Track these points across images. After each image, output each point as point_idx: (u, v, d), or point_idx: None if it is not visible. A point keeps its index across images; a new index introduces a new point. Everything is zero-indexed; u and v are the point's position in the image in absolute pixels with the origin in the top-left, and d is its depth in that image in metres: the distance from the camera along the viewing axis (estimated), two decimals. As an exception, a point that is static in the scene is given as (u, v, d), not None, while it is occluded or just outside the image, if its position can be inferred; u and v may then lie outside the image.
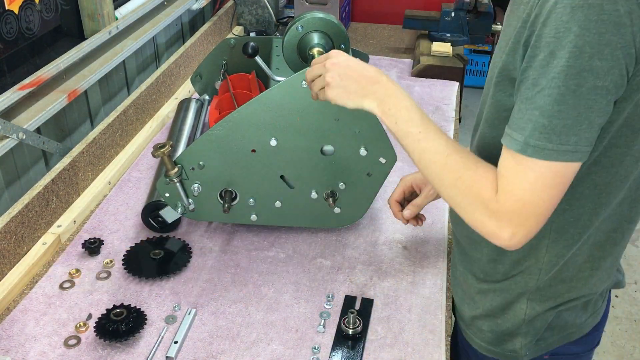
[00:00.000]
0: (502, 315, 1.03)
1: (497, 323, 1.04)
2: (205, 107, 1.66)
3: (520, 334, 1.03)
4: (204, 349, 1.05)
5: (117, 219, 1.35)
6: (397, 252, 1.27)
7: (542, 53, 0.76)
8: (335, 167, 1.19)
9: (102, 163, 1.48)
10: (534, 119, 0.77)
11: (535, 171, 0.79)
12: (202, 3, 2.10)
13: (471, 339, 1.10)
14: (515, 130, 0.80)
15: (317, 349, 1.05)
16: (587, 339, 1.07)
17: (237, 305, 1.14)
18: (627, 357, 2.35)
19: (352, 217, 1.28)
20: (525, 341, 1.03)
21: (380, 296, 1.16)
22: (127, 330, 1.05)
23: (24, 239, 1.22)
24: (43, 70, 1.34)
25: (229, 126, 1.14)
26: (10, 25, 1.29)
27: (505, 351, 1.06)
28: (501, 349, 1.06)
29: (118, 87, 1.72)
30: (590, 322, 1.05)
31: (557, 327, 1.03)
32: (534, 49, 0.77)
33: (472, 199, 0.85)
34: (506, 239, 0.83)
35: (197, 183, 1.20)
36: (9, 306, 1.13)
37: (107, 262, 1.22)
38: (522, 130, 0.79)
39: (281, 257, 1.26)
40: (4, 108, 1.22)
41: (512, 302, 1.02)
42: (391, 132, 0.95)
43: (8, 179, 1.31)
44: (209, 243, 1.29)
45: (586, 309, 1.03)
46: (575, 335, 1.05)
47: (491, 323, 1.05)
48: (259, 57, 1.27)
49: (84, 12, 1.55)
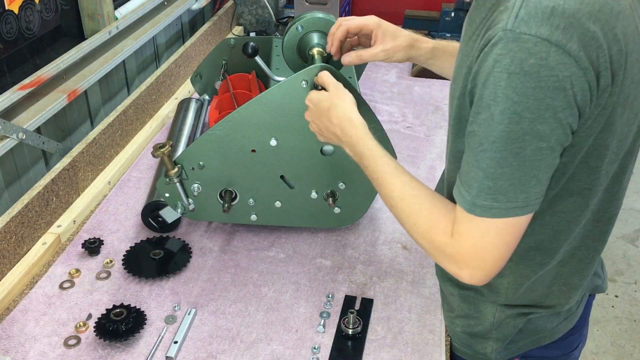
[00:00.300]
0: (473, 317, 1.03)
1: (470, 324, 1.04)
2: (205, 107, 1.66)
3: (491, 338, 1.03)
4: (204, 349, 1.05)
5: (117, 219, 1.35)
6: (397, 252, 1.27)
7: (483, 113, 0.75)
8: (335, 167, 1.19)
9: (102, 163, 1.48)
10: (479, 179, 0.77)
11: (486, 224, 0.79)
12: (202, 3, 2.10)
13: (450, 340, 1.10)
14: (464, 186, 0.80)
15: (317, 349, 1.05)
16: (561, 343, 1.06)
17: (237, 305, 1.14)
18: (627, 357, 2.35)
19: (352, 217, 1.28)
20: (495, 345, 1.03)
21: (380, 296, 1.16)
22: (127, 330, 1.05)
23: (24, 239, 1.22)
24: (43, 70, 1.34)
25: (229, 126, 1.14)
26: (10, 25, 1.29)
27: (477, 353, 1.06)
28: (473, 350, 1.06)
29: (118, 87, 1.72)
30: (562, 327, 1.04)
31: (527, 330, 1.03)
32: (476, 106, 0.76)
33: (428, 244, 0.87)
34: (466, 279, 0.84)
35: (197, 183, 1.20)
36: (9, 306, 1.13)
37: (107, 262, 1.22)
38: (469, 187, 0.79)
39: (281, 257, 1.26)
40: (4, 108, 1.22)
41: (481, 308, 1.02)
42: None
43: (8, 179, 1.31)
44: (209, 243, 1.29)
45: (558, 315, 1.02)
46: (547, 339, 1.04)
47: (464, 323, 1.05)
48: (258, 57, 1.27)
49: (84, 12, 1.55)
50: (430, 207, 0.89)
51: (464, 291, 1.03)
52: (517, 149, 0.74)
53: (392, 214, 0.95)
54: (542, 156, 0.75)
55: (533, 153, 0.74)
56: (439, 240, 0.85)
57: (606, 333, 2.44)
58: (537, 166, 0.75)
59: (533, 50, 0.70)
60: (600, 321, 2.49)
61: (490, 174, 0.76)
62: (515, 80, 0.71)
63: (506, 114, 0.72)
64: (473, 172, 0.78)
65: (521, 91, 0.71)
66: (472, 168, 0.78)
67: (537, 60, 0.70)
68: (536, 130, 0.73)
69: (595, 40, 0.71)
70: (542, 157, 0.75)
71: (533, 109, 0.71)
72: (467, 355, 1.07)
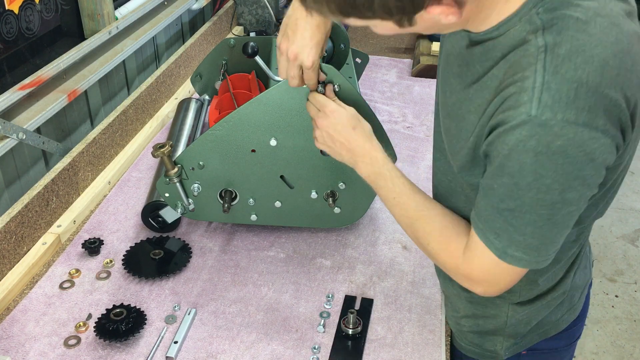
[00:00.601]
0: (482, 317, 1.04)
1: (478, 324, 1.05)
2: (205, 107, 1.66)
3: (501, 335, 1.04)
4: (204, 349, 1.05)
5: (117, 219, 1.35)
6: (397, 252, 1.27)
7: (506, 178, 0.74)
8: (335, 167, 1.19)
9: (102, 163, 1.48)
10: (509, 231, 0.77)
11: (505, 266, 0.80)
12: (202, 3, 2.10)
13: (454, 340, 1.11)
14: (491, 232, 0.79)
15: (317, 349, 1.05)
16: (565, 334, 1.08)
17: (237, 305, 1.14)
18: (627, 357, 2.35)
19: (352, 217, 1.28)
20: (506, 342, 1.05)
21: (380, 296, 1.16)
22: (127, 330, 1.05)
23: (24, 239, 1.22)
24: (43, 70, 1.34)
25: (229, 126, 1.14)
26: (10, 25, 1.29)
27: (485, 351, 1.07)
28: (481, 348, 1.07)
29: (118, 87, 1.72)
30: (566, 318, 1.07)
31: (534, 325, 1.05)
32: (496, 169, 0.75)
33: (442, 263, 0.91)
34: (481, 293, 0.88)
35: (197, 183, 1.20)
36: (9, 306, 1.13)
37: (107, 262, 1.22)
38: (498, 236, 0.79)
39: (281, 257, 1.26)
40: (4, 108, 1.22)
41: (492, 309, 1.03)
42: None
43: (8, 179, 1.31)
44: (209, 243, 1.29)
45: (562, 306, 1.04)
46: (552, 331, 1.06)
47: (472, 323, 1.06)
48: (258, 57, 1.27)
49: (84, 12, 1.55)
50: (441, 229, 0.91)
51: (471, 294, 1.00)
52: (548, 216, 0.74)
53: (405, 231, 0.97)
54: (571, 216, 0.76)
55: (563, 217, 0.75)
56: (450, 262, 0.88)
57: (606, 333, 2.44)
58: (567, 224, 0.77)
59: (560, 133, 0.68)
60: (600, 321, 2.49)
61: (521, 232, 0.77)
62: (543, 159, 0.70)
63: (533, 185, 0.72)
64: (499, 223, 0.78)
65: (549, 167, 0.70)
66: (498, 219, 0.78)
67: (565, 141, 0.69)
68: (565, 199, 0.73)
69: (617, 106, 0.70)
70: (572, 217, 0.77)
71: (562, 181, 0.71)
72: (473, 353, 1.08)
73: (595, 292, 2.63)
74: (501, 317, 1.02)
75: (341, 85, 1.09)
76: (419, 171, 1.53)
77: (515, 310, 1.01)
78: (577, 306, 1.08)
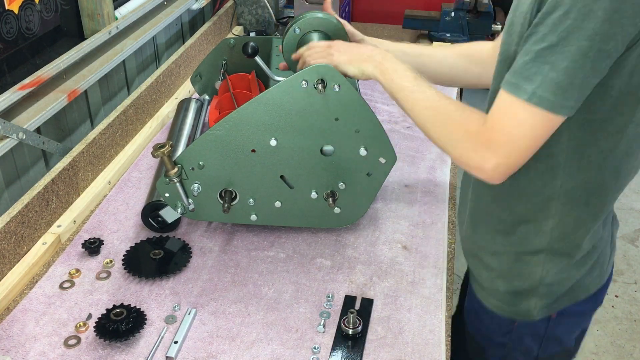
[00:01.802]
0: (518, 275, 1.09)
1: (514, 284, 1.10)
2: (205, 107, 1.66)
3: (536, 295, 1.09)
4: (204, 349, 1.05)
5: (117, 219, 1.36)
6: (397, 252, 1.27)
7: (556, 12, 0.82)
8: (335, 167, 1.19)
9: (102, 163, 1.48)
10: (544, 72, 0.84)
11: (527, 114, 0.87)
12: (202, 3, 2.10)
13: (486, 299, 1.15)
14: (523, 80, 0.86)
15: (317, 349, 1.05)
16: (592, 299, 1.13)
17: (237, 305, 1.14)
18: (627, 357, 2.35)
19: (352, 217, 1.28)
20: (540, 302, 1.10)
21: (380, 296, 1.16)
22: (127, 330, 1.05)
23: (24, 239, 1.22)
24: (43, 70, 1.34)
25: (229, 126, 1.14)
26: (10, 25, 1.29)
27: (520, 310, 1.12)
28: (516, 308, 1.12)
29: (118, 87, 1.72)
30: (596, 282, 1.12)
31: (568, 288, 1.09)
32: (548, 7, 0.83)
33: (461, 135, 0.95)
34: (490, 170, 0.92)
35: (197, 183, 1.20)
36: (9, 306, 1.13)
37: (107, 262, 1.22)
38: (530, 81, 0.85)
39: (281, 257, 1.26)
40: (4, 108, 1.22)
41: (527, 265, 1.07)
42: (387, 90, 1.08)
43: (8, 179, 1.31)
44: (209, 243, 1.29)
45: (593, 270, 1.10)
46: (583, 295, 1.11)
47: (507, 284, 1.10)
48: (258, 57, 1.27)
49: (84, 12, 1.55)
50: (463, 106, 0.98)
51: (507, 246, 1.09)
52: (586, 47, 0.81)
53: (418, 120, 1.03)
54: (601, 59, 0.82)
55: (596, 54, 0.81)
56: (473, 129, 0.94)
57: (606, 333, 2.44)
58: (595, 68, 0.83)
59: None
60: (600, 321, 2.49)
61: (557, 67, 0.83)
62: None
63: (581, 11, 0.79)
64: (536, 67, 0.85)
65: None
66: (534, 64, 0.85)
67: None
68: (604, 31, 0.80)
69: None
70: (601, 60, 0.82)
71: (606, 8, 0.79)
72: (507, 312, 1.13)
73: (595, 292, 2.63)
74: (536, 274, 1.07)
75: (341, 85, 1.10)
76: (419, 171, 1.53)
77: (550, 267, 1.06)
78: (606, 271, 1.14)
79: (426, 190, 1.46)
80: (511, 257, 1.09)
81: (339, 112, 1.13)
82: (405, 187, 1.47)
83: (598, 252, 1.09)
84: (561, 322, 1.13)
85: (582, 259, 1.07)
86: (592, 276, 1.10)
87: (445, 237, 1.32)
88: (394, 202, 1.42)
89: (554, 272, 1.06)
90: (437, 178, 1.49)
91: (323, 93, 1.10)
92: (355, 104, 1.13)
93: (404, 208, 1.40)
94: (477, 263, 1.15)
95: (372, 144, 1.17)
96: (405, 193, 1.45)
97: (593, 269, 1.09)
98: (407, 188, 1.47)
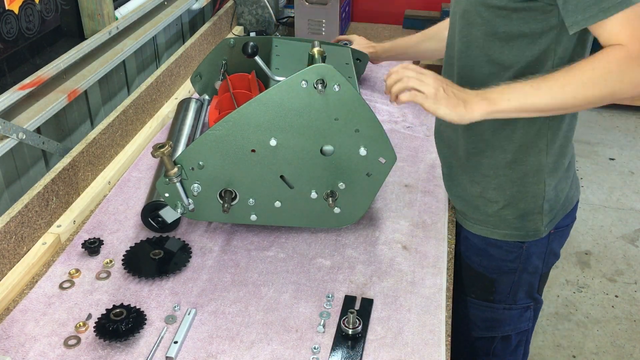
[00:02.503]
0: (524, 199, 1.21)
1: (520, 207, 1.22)
2: (205, 107, 1.66)
3: (541, 213, 1.22)
4: (203, 349, 1.05)
5: (117, 219, 1.36)
6: (397, 252, 1.27)
7: None
8: (335, 167, 1.19)
9: (102, 163, 1.49)
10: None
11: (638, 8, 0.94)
12: (202, 3, 2.10)
13: (492, 233, 1.25)
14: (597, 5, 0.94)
15: (317, 349, 1.05)
16: (573, 210, 1.31)
17: (237, 305, 1.14)
18: (627, 357, 2.35)
19: (352, 217, 1.28)
20: (545, 219, 1.23)
21: (380, 296, 1.16)
22: (127, 330, 1.05)
23: (23, 239, 1.22)
24: (43, 70, 1.34)
25: (229, 126, 1.14)
26: (10, 25, 1.29)
27: (529, 231, 1.24)
28: (524, 230, 1.24)
29: (118, 87, 1.72)
30: (575, 193, 1.30)
31: (562, 201, 1.24)
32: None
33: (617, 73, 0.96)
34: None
35: (196, 183, 1.20)
36: (9, 306, 1.13)
37: (107, 262, 1.22)
38: None
39: (281, 257, 1.26)
40: (4, 108, 1.22)
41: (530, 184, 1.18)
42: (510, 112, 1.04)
43: (8, 179, 1.31)
44: (208, 243, 1.29)
45: (571, 181, 1.27)
46: (569, 207, 1.28)
47: (514, 209, 1.22)
48: (258, 57, 1.27)
49: (84, 12, 1.55)
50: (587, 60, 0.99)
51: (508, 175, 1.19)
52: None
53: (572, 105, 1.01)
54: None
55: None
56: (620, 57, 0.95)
57: (606, 333, 2.44)
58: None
59: None
60: (600, 321, 2.49)
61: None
62: None
63: None
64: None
65: None
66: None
67: None
68: None
69: None
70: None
71: None
72: (517, 237, 1.25)
73: (595, 292, 2.63)
74: (539, 193, 1.20)
75: (341, 85, 1.10)
76: (419, 171, 1.53)
77: (549, 183, 1.19)
78: (578, 183, 1.32)
79: (426, 190, 1.46)
80: (516, 184, 1.18)
81: (339, 112, 1.13)
82: (405, 187, 1.47)
83: (572, 164, 1.26)
84: (557, 236, 1.29)
85: (567, 171, 1.22)
86: (573, 188, 1.27)
87: (445, 237, 1.32)
88: (394, 202, 1.42)
89: (552, 187, 1.20)
90: (437, 178, 1.49)
91: (323, 93, 1.10)
92: (355, 103, 1.12)
93: (404, 208, 1.40)
94: (480, 202, 1.23)
95: (372, 144, 1.17)
96: (405, 193, 1.45)
97: (573, 181, 1.26)
98: (407, 188, 1.47)
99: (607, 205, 3.12)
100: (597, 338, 2.42)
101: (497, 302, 1.33)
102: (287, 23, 2.38)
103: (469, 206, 1.30)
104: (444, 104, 1.03)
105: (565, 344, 2.38)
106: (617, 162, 3.49)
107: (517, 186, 1.21)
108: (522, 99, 1.01)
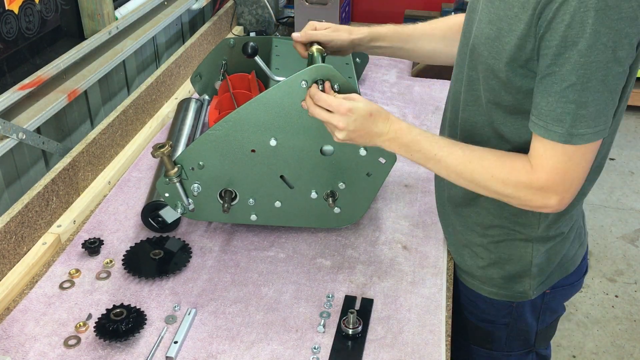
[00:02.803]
0: (509, 260, 1.14)
1: (506, 269, 1.14)
2: (205, 107, 1.66)
3: (528, 276, 1.15)
4: (204, 349, 1.05)
5: (117, 219, 1.36)
6: (397, 252, 1.27)
7: (568, 51, 0.84)
8: (335, 167, 1.19)
9: (102, 163, 1.48)
10: (571, 111, 0.87)
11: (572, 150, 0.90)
12: (202, 3, 2.10)
13: (480, 288, 1.19)
14: (552, 123, 0.89)
15: (317, 349, 1.05)
16: (579, 268, 1.22)
17: (237, 305, 1.14)
18: (627, 357, 2.35)
19: (352, 217, 1.28)
20: (533, 282, 1.15)
21: (380, 296, 1.16)
22: (127, 330, 1.05)
23: (24, 239, 1.22)
24: (43, 70, 1.34)
25: (229, 126, 1.14)
26: (10, 25, 1.29)
27: (516, 293, 1.17)
28: (511, 291, 1.17)
29: (118, 87, 1.72)
30: (580, 253, 1.21)
31: (557, 263, 1.16)
32: (557, 48, 0.85)
33: (513, 188, 0.96)
34: (555, 206, 0.95)
35: (196, 183, 1.20)
36: (9, 306, 1.13)
37: (107, 262, 1.22)
38: (561, 122, 0.88)
39: (281, 257, 1.26)
40: (4, 108, 1.22)
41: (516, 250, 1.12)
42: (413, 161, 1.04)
43: (8, 179, 1.31)
44: (208, 243, 1.29)
45: (575, 241, 1.18)
46: (571, 267, 1.20)
47: (500, 270, 1.16)
48: (258, 57, 1.27)
49: (84, 12, 1.55)
50: (499, 157, 0.98)
51: (494, 237, 1.13)
52: (602, 77, 0.85)
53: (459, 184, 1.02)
54: (619, 80, 0.87)
55: (614, 78, 0.86)
56: (524, 178, 0.94)
57: (606, 333, 2.44)
58: (615, 89, 0.87)
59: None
60: (600, 321, 2.49)
61: (582, 103, 0.86)
62: (602, 15, 0.81)
63: (594, 47, 0.83)
64: (561, 107, 0.87)
65: (607, 24, 0.81)
66: (559, 104, 0.87)
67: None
68: (617, 57, 0.84)
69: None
70: (619, 80, 0.87)
71: (616, 38, 0.82)
72: (504, 297, 1.18)
73: (595, 292, 2.63)
74: (526, 258, 1.13)
75: (341, 85, 1.09)
76: (419, 171, 1.53)
77: (538, 249, 1.12)
78: (585, 240, 1.22)
79: (426, 190, 1.46)
80: (500, 246, 1.13)
81: (339, 112, 1.13)
82: (405, 187, 1.47)
83: (577, 225, 1.17)
84: (555, 295, 1.21)
85: (566, 235, 1.14)
86: (575, 247, 1.18)
87: (445, 237, 1.32)
88: (394, 202, 1.42)
89: (543, 252, 1.12)
90: (437, 178, 1.49)
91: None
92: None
93: (404, 208, 1.40)
94: (467, 255, 1.19)
95: (372, 144, 1.17)
96: (405, 193, 1.45)
97: (574, 241, 1.17)
98: (407, 188, 1.47)
99: (607, 205, 3.12)
100: (597, 338, 2.42)
101: (495, 350, 1.28)
102: (287, 23, 2.38)
103: (458, 254, 1.23)
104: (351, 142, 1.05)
105: (565, 344, 2.38)
106: (617, 162, 3.49)
107: (502, 248, 1.14)
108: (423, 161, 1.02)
